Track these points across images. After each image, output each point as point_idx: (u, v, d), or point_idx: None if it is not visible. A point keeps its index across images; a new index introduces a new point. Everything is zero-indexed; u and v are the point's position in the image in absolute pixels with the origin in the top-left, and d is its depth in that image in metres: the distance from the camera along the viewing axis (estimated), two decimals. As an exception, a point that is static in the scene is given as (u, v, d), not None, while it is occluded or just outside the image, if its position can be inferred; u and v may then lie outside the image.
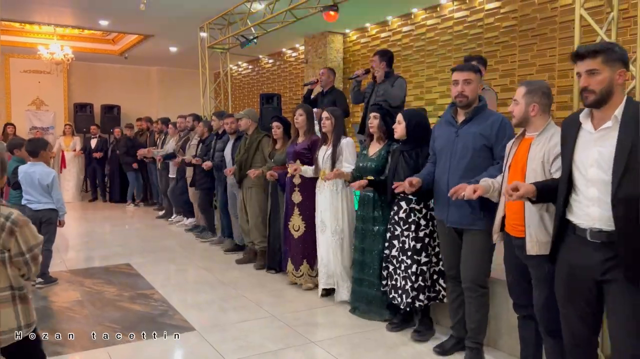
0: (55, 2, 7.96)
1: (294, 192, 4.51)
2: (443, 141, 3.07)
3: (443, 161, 3.05)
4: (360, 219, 3.89)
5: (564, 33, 6.08)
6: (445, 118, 3.11)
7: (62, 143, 10.66)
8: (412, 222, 3.40)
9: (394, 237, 3.52)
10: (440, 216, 3.16)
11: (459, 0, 7.41)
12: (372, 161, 3.77)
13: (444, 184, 2.99)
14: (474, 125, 2.94)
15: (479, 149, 2.91)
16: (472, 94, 2.93)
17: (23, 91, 12.15)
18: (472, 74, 2.94)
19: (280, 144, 4.97)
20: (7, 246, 2.01)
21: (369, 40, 9.21)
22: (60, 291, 4.60)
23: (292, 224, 4.55)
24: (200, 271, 5.26)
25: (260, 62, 12.47)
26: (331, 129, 4.18)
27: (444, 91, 7.74)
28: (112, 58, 12.49)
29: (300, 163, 4.43)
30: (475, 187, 2.61)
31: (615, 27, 3.03)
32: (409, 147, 3.44)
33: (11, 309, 2.06)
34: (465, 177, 2.85)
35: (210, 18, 7.97)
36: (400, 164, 3.46)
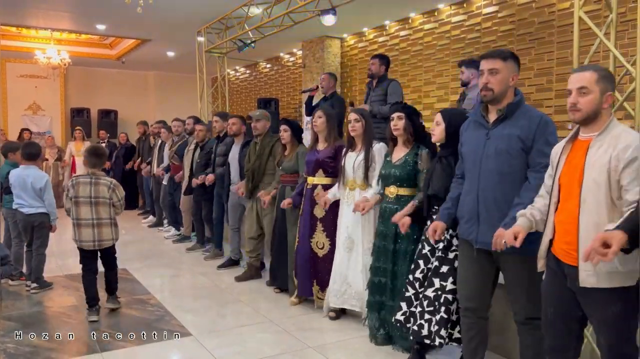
0: (53, 7, 7.94)
1: (316, 205, 3.99)
2: (472, 145, 2.54)
3: (472, 168, 2.53)
4: (380, 235, 3.40)
5: (561, 37, 6.09)
6: (474, 118, 2.60)
7: (72, 148, 10.56)
8: (442, 241, 2.87)
9: (420, 255, 3.03)
10: (466, 235, 2.57)
11: (456, 5, 7.42)
12: (396, 168, 3.31)
13: (473, 197, 2.50)
14: (508, 125, 2.41)
15: (515, 154, 2.38)
16: (499, 87, 2.39)
17: (19, 95, 12.11)
18: (499, 62, 2.39)
19: (289, 150, 4.45)
20: (112, 198, 3.89)
21: (366, 45, 9.21)
22: (55, 296, 4.55)
23: (315, 241, 4.03)
24: (197, 277, 5.22)
25: (258, 66, 12.46)
26: (361, 132, 3.66)
27: (442, 95, 7.74)
28: (109, 63, 12.47)
29: (322, 172, 4.00)
30: (515, 231, 2.16)
31: (614, 30, 3.02)
32: (448, 151, 2.90)
33: (109, 229, 3.95)
34: (500, 189, 2.41)
35: (207, 22, 7.96)
36: (436, 171, 2.95)
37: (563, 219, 2.06)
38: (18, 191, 4.48)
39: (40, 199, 4.53)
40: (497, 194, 2.41)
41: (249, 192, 4.84)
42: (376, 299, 3.40)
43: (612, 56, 3.01)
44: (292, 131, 4.39)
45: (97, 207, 3.85)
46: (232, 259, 5.50)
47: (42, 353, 3.33)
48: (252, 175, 4.79)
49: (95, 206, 3.84)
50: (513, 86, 2.45)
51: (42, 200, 4.53)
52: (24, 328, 3.73)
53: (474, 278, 2.59)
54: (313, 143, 4.12)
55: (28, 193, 4.47)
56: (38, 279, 4.63)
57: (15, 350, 3.34)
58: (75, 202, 3.84)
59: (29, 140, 10.04)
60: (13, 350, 3.33)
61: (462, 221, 2.59)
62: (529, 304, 2.43)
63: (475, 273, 2.58)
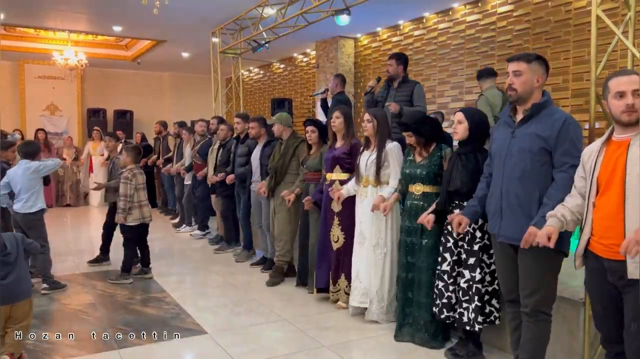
0: (70, 8, 8.06)
1: (333, 200, 4.09)
2: (499, 143, 2.66)
3: (497, 166, 2.65)
4: (405, 231, 3.49)
5: (578, 36, 6.03)
6: (504, 118, 2.71)
7: (90, 148, 10.69)
8: (466, 233, 3.00)
9: (445, 249, 3.17)
10: (492, 229, 2.70)
11: (471, 4, 7.38)
12: (421, 168, 3.41)
13: (497, 193, 2.62)
14: (533, 124, 2.50)
15: (537, 152, 2.47)
16: (523, 87, 2.50)
17: (37, 96, 12.31)
18: (522, 64, 2.51)
19: (315, 149, 4.59)
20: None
21: (380, 45, 9.20)
22: (73, 294, 4.61)
23: (332, 234, 4.15)
24: (212, 275, 5.26)
25: (272, 67, 12.51)
26: (373, 132, 3.79)
27: (456, 94, 7.71)
28: (125, 64, 12.62)
29: (339, 168, 4.12)
30: (548, 232, 2.21)
31: (632, 28, 2.98)
32: (468, 149, 3.05)
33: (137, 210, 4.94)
34: (522, 187, 2.50)
35: (222, 23, 8.01)
36: (456, 168, 3.06)
37: (603, 216, 2.11)
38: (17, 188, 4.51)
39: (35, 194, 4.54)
40: (518, 191, 2.51)
41: (270, 190, 4.92)
42: (407, 296, 3.47)
43: (630, 55, 2.97)
44: (319, 132, 4.52)
45: (145, 192, 5.05)
46: (264, 257, 5.46)
47: (61, 349, 3.38)
48: (274, 173, 4.86)
49: (145, 191, 5.04)
50: (539, 87, 2.55)
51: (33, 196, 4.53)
52: (42, 325, 3.79)
53: (508, 271, 2.68)
54: (332, 142, 4.29)
55: (25, 187, 4.50)
56: (47, 280, 4.62)
57: (35, 346, 3.39)
58: (137, 188, 4.92)
59: (44, 140, 10.25)
60: (32, 346, 3.38)
61: (489, 216, 2.72)
62: (540, 297, 2.52)
63: (509, 267, 2.66)
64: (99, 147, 10.67)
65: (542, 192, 2.47)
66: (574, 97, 6.02)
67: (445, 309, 3.17)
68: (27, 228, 4.56)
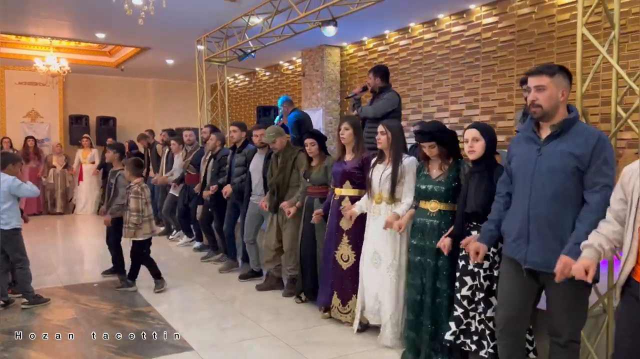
0: (53, 15, 7.94)
1: (342, 217, 3.93)
2: (522, 161, 2.46)
3: (521, 185, 2.45)
4: (416, 250, 3.27)
5: (562, 48, 6.11)
6: (525, 133, 2.50)
7: (80, 156, 10.51)
8: (486, 257, 2.79)
9: (465, 273, 2.92)
10: (512, 253, 2.47)
11: (456, 15, 7.45)
12: (439, 184, 3.18)
13: (522, 214, 2.41)
14: (563, 142, 2.32)
15: (570, 172, 2.28)
16: (548, 103, 2.33)
17: (18, 102, 12.10)
18: (545, 78, 2.33)
19: (317, 162, 4.39)
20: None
21: (366, 54, 9.24)
22: (55, 308, 4.52)
23: (339, 253, 3.96)
24: (198, 288, 5.19)
25: (257, 74, 12.48)
26: (387, 144, 3.56)
27: (441, 104, 7.76)
28: (108, 70, 12.47)
29: (350, 184, 3.94)
30: (585, 265, 2.05)
31: (616, 46, 3.02)
32: (481, 167, 2.87)
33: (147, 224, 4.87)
34: (553, 209, 2.31)
35: (207, 31, 7.97)
36: (471, 189, 2.88)
37: None
38: None
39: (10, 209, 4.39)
40: (550, 213, 2.32)
41: (273, 207, 4.74)
42: (418, 320, 3.27)
43: (615, 72, 3.01)
44: (318, 144, 4.35)
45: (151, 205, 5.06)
46: (254, 271, 5.38)
47: (43, 368, 3.30)
48: (276, 189, 4.70)
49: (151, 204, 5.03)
50: (565, 101, 2.38)
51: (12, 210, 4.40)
52: (23, 342, 3.70)
53: (516, 297, 2.50)
54: (340, 154, 4.07)
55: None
56: (27, 294, 4.49)
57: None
58: (146, 202, 4.87)
59: (33, 147, 10.07)
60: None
61: (509, 239, 2.49)
62: (573, 327, 2.39)
63: (518, 293, 2.49)
64: (89, 154, 10.53)
65: (575, 215, 2.29)
66: (557, 108, 6.10)
67: (462, 335, 2.93)
68: (2, 243, 4.45)
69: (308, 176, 4.43)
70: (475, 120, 7.11)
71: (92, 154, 10.63)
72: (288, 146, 4.80)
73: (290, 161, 4.69)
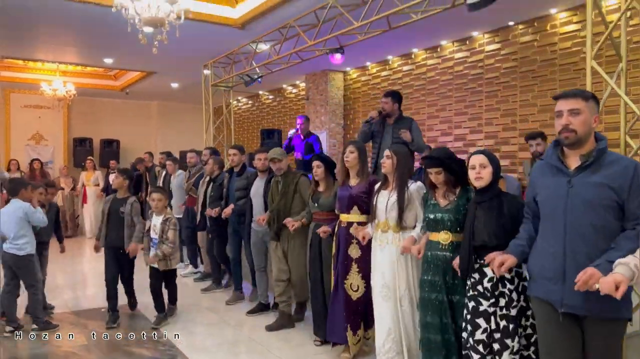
0: (62, 42, 8.08)
1: (351, 245, 3.75)
2: (550, 193, 2.28)
3: (553, 220, 2.25)
4: (427, 285, 3.06)
5: (564, 75, 6.23)
6: (550, 161, 2.30)
7: (83, 178, 10.54)
8: (502, 295, 2.61)
9: (477, 314, 2.68)
10: (547, 295, 2.25)
11: (459, 42, 7.59)
12: (449, 213, 2.98)
13: (556, 252, 2.21)
14: (596, 172, 2.15)
15: (607, 205, 2.12)
16: (583, 129, 2.17)
17: (23, 125, 12.23)
18: (580, 102, 2.18)
19: (324, 186, 4.18)
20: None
21: (369, 79, 9.37)
22: (64, 334, 4.49)
23: (348, 283, 3.77)
24: (207, 313, 5.18)
25: (261, 97, 12.62)
26: (392, 169, 3.42)
27: (445, 129, 7.86)
28: (113, 93, 12.61)
29: (357, 209, 3.75)
30: (616, 280, 1.86)
31: (624, 78, 3.12)
32: (491, 195, 2.71)
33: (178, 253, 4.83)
34: (593, 244, 2.12)
35: (214, 57, 8.09)
36: (479, 219, 2.70)
37: None
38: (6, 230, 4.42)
39: (25, 236, 4.44)
40: (591, 250, 2.11)
41: (274, 234, 4.56)
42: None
43: (623, 103, 3.09)
44: (325, 167, 4.16)
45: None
46: (262, 304, 5.11)
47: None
48: (277, 215, 4.49)
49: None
50: (594, 129, 2.25)
51: (22, 237, 4.43)
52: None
53: (561, 346, 2.24)
54: (344, 178, 3.91)
55: (11, 227, 4.41)
56: (37, 320, 4.50)
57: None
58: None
59: (40, 170, 10.11)
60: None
61: (542, 279, 2.28)
62: None
63: (563, 340, 2.23)
64: (92, 177, 10.55)
65: None
66: (561, 134, 6.19)
67: None
68: (16, 268, 4.48)
69: (316, 200, 4.19)
70: (479, 144, 7.20)
71: (95, 176, 10.66)
72: (289, 170, 4.67)
73: (292, 185, 4.52)
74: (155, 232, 4.72)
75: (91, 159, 10.62)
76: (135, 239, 4.68)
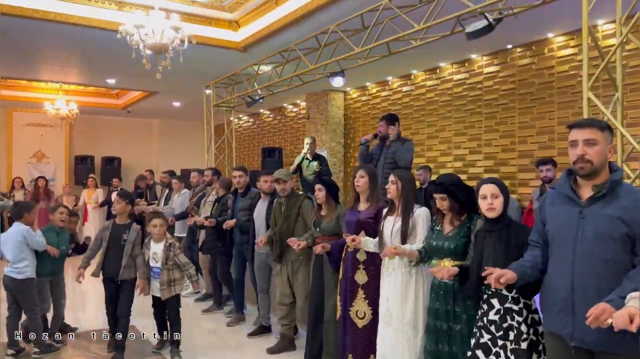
0: (67, 63, 8.19)
1: (357, 270, 3.66)
2: (560, 223, 2.22)
3: (562, 251, 2.20)
4: (432, 313, 3.03)
5: (561, 98, 6.31)
6: (562, 191, 2.24)
7: (85, 196, 10.54)
8: (510, 328, 2.52)
9: (482, 347, 2.61)
10: (557, 329, 2.20)
11: (458, 64, 7.69)
12: (449, 240, 2.96)
13: (565, 285, 2.15)
14: (609, 204, 2.10)
15: (619, 239, 2.05)
16: (599, 159, 2.11)
17: (25, 143, 12.32)
18: (596, 132, 2.12)
19: (326, 210, 4.13)
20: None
21: (369, 99, 9.47)
22: (66, 358, 4.51)
23: (354, 310, 3.67)
24: (207, 335, 5.18)
25: (262, 116, 12.71)
26: (397, 195, 3.39)
27: (445, 149, 7.92)
28: (115, 111, 12.72)
29: (364, 234, 3.63)
30: (630, 313, 1.78)
31: (620, 108, 3.18)
32: (500, 226, 2.66)
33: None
34: (603, 278, 2.06)
35: (216, 78, 8.19)
36: (487, 249, 2.65)
37: None
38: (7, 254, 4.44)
39: (25, 259, 4.43)
40: (599, 283, 2.05)
41: (277, 256, 4.51)
42: None
43: (620, 134, 3.15)
44: (327, 190, 4.11)
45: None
46: (263, 326, 5.07)
47: None
48: (280, 238, 4.44)
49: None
50: (609, 159, 2.19)
51: (22, 261, 4.42)
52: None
53: None
54: (354, 203, 3.86)
55: (12, 250, 4.42)
56: (37, 344, 4.47)
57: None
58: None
59: (44, 188, 10.10)
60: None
61: (552, 312, 2.23)
62: None
63: None
64: (93, 195, 10.54)
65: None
66: (560, 156, 6.24)
67: None
68: (15, 292, 4.48)
69: (318, 225, 4.13)
70: (479, 165, 7.26)
71: (96, 194, 10.66)
72: (292, 192, 4.62)
73: (295, 208, 4.46)
74: (157, 260, 4.38)
75: (93, 177, 10.63)
76: (142, 275, 4.35)
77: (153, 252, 4.41)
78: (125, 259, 4.31)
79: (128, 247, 4.34)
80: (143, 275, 4.34)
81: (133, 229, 4.43)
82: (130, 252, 4.34)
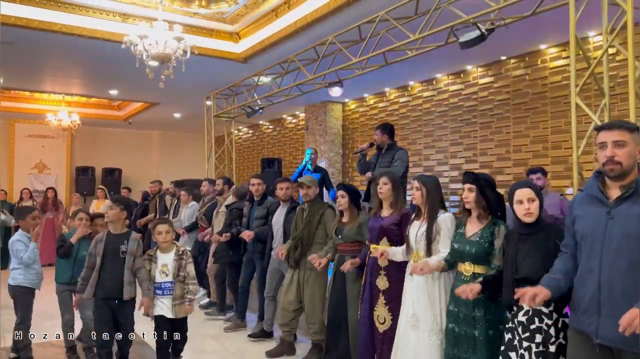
0: (70, 75, 8.34)
1: (379, 276, 3.66)
2: (589, 224, 2.24)
3: (590, 251, 2.22)
4: (453, 317, 3.01)
5: (555, 107, 6.46)
6: (590, 192, 2.27)
7: (93, 207, 10.56)
8: (538, 330, 2.48)
9: (510, 348, 2.58)
10: (583, 326, 2.21)
11: (453, 75, 7.85)
12: (471, 245, 2.93)
13: (592, 284, 2.17)
14: (636, 204, 2.11)
15: None
16: (628, 160, 2.14)
17: (26, 154, 12.43)
18: (625, 134, 2.15)
19: (348, 217, 4.08)
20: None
21: (367, 110, 9.62)
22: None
23: (376, 314, 3.66)
24: (208, 341, 5.22)
25: (261, 127, 12.86)
26: (422, 200, 3.36)
27: (441, 158, 8.05)
28: (116, 123, 12.86)
29: (387, 241, 3.64)
30: None
31: (607, 113, 3.30)
32: (536, 229, 2.62)
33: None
34: (629, 277, 2.07)
35: (217, 89, 8.33)
36: (522, 252, 2.61)
37: None
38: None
39: (24, 267, 4.38)
40: (625, 283, 2.07)
41: (294, 261, 4.46)
42: None
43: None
44: (349, 197, 4.07)
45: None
46: (265, 331, 5.08)
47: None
48: (299, 244, 4.40)
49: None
50: (638, 160, 2.20)
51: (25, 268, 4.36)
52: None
53: None
54: (377, 209, 3.85)
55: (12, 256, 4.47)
56: (17, 351, 4.39)
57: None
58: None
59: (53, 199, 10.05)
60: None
61: (576, 310, 2.26)
62: None
63: None
64: (102, 205, 10.53)
65: None
66: (553, 164, 6.37)
67: None
68: (12, 297, 4.49)
69: (340, 232, 4.09)
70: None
71: (105, 205, 10.62)
72: (316, 199, 4.58)
73: (317, 215, 4.42)
74: (167, 273, 3.79)
75: (102, 188, 10.51)
76: (147, 292, 3.74)
77: (162, 264, 3.80)
78: (127, 274, 3.70)
79: (128, 260, 3.73)
80: (148, 291, 3.73)
81: (132, 238, 3.82)
82: (130, 265, 3.72)
